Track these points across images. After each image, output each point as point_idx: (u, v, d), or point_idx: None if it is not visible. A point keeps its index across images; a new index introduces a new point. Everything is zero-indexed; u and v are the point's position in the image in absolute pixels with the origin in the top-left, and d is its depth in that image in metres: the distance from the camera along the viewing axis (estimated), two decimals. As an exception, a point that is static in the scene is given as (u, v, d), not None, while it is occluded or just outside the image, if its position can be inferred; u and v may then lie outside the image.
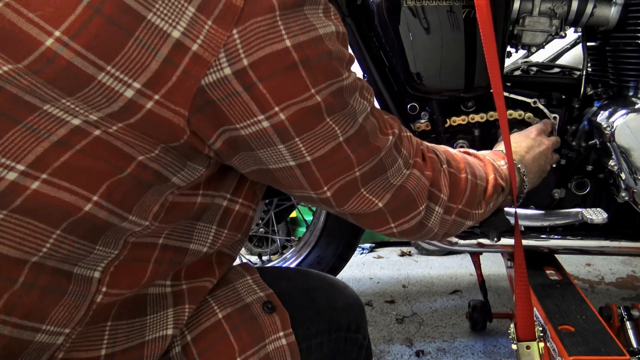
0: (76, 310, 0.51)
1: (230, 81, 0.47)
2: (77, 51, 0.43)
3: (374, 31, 1.06)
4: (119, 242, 0.52)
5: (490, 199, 0.80)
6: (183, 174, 0.53)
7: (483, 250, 1.17)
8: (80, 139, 0.46)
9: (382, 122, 0.62)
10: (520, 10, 1.04)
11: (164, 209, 0.53)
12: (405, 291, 1.76)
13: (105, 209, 0.49)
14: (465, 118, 1.10)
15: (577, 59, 1.38)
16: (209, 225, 0.61)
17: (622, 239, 1.14)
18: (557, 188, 1.15)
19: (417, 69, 1.03)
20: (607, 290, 1.74)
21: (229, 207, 0.62)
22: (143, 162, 0.49)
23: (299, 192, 0.60)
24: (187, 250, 0.59)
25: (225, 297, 0.65)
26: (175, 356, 0.60)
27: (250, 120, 0.50)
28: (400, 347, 1.42)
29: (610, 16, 1.03)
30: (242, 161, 0.55)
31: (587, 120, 1.09)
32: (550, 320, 0.91)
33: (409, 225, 0.68)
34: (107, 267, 0.52)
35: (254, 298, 0.66)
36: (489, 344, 1.43)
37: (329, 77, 0.52)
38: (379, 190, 0.62)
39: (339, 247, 1.42)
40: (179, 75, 0.45)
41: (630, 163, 1.01)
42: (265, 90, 0.48)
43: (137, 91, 0.45)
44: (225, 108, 0.48)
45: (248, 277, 0.69)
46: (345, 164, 0.57)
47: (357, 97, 0.57)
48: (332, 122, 0.54)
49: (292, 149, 0.53)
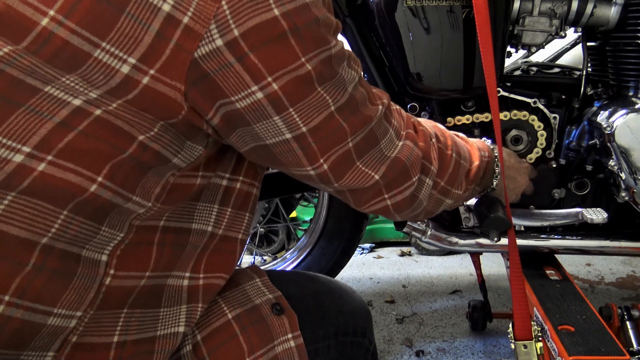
0: (86, 292, 0.52)
1: (223, 52, 0.47)
2: (72, 29, 0.44)
3: (374, 31, 1.06)
4: (124, 224, 0.53)
5: (471, 182, 0.81)
6: (183, 154, 0.53)
7: (483, 250, 1.17)
8: (82, 119, 0.47)
9: (371, 93, 0.63)
10: (520, 10, 1.04)
11: (165, 191, 0.54)
12: (405, 291, 1.75)
13: (109, 189, 0.49)
14: (465, 118, 1.10)
15: (577, 59, 1.37)
16: (210, 205, 0.61)
17: (622, 239, 1.14)
18: (557, 188, 1.15)
19: (417, 69, 1.03)
20: (607, 290, 1.74)
21: (229, 185, 0.62)
22: (143, 142, 0.49)
23: (296, 170, 0.60)
24: (190, 230, 0.60)
25: (235, 298, 0.66)
26: (186, 354, 0.60)
27: (244, 92, 0.50)
28: (400, 347, 1.42)
29: (610, 16, 1.03)
30: (239, 139, 0.56)
31: (587, 120, 1.09)
32: (550, 320, 0.91)
33: (402, 196, 0.68)
34: (113, 250, 0.53)
35: (263, 300, 0.67)
36: (489, 344, 1.43)
37: (318, 45, 0.52)
38: (374, 162, 0.63)
39: (338, 246, 1.42)
40: (172, 48, 0.46)
41: (630, 163, 1.01)
42: (257, 60, 0.49)
43: (132, 66, 0.46)
44: (219, 80, 0.49)
45: (257, 280, 0.70)
46: (338, 134, 0.58)
47: (345, 66, 0.57)
48: (323, 91, 0.54)
49: (287, 120, 0.53)
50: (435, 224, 1.16)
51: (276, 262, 1.54)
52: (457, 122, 1.10)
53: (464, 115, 1.10)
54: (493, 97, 0.85)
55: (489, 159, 0.85)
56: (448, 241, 1.16)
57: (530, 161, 1.12)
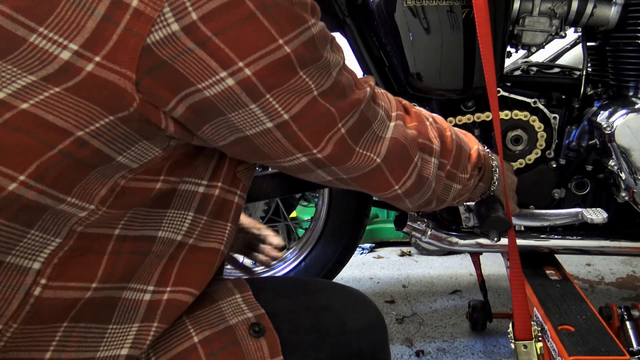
0: (6, 304, 0.47)
1: (180, 38, 0.44)
2: (6, 13, 0.42)
3: (374, 31, 1.06)
4: (61, 229, 0.48)
5: (474, 168, 0.79)
6: (130, 153, 0.48)
7: (483, 250, 1.17)
8: (4, 112, 0.43)
9: (356, 78, 0.59)
10: (520, 10, 1.04)
11: (113, 194, 0.49)
12: (405, 291, 1.75)
13: (34, 189, 0.45)
14: (466, 118, 1.10)
15: (577, 59, 1.37)
16: (183, 213, 0.56)
17: (622, 239, 1.14)
18: (557, 188, 1.15)
19: (417, 68, 1.03)
20: (607, 290, 1.74)
21: (207, 192, 0.57)
22: (82, 138, 0.45)
23: (287, 161, 0.56)
24: (155, 238, 0.54)
25: (206, 318, 0.58)
26: None
27: (212, 79, 0.46)
28: (400, 347, 1.42)
29: (610, 16, 1.03)
30: (215, 131, 0.51)
31: (587, 120, 1.09)
32: (550, 320, 0.91)
33: (411, 181, 0.66)
34: (49, 257, 0.48)
35: (240, 319, 0.59)
36: (489, 344, 1.43)
37: (296, 25, 0.48)
38: (370, 144, 0.60)
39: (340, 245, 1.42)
40: (120, 33, 0.43)
41: (630, 163, 1.01)
42: (224, 44, 0.45)
43: (74, 53, 0.43)
44: (180, 67, 0.45)
45: (237, 296, 0.62)
46: (327, 119, 0.54)
47: (329, 49, 0.53)
48: (305, 76, 0.50)
49: (265, 108, 0.49)
50: (435, 224, 1.16)
51: (277, 262, 1.54)
52: (458, 122, 1.10)
53: (464, 115, 1.10)
54: (493, 97, 0.85)
55: (484, 151, 0.84)
56: (448, 241, 1.16)
57: (530, 161, 1.12)
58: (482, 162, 0.82)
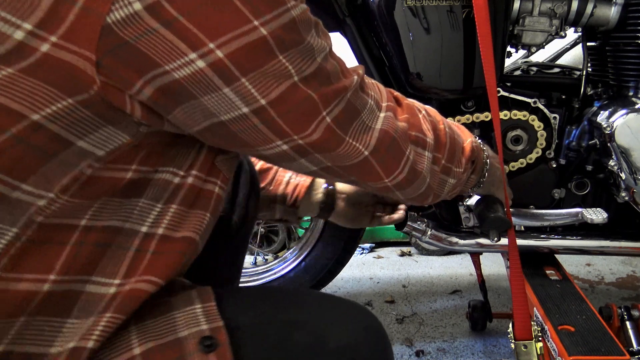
0: None
1: (143, 17, 0.42)
2: None
3: (374, 31, 1.06)
4: (18, 218, 0.46)
5: (468, 161, 0.78)
6: (93, 138, 0.46)
7: (483, 250, 1.17)
8: None
9: (344, 66, 0.57)
10: (520, 10, 1.04)
11: (77, 182, 0.47)
12: (405, 291, 1.75)
13: None
14: (465, 118, 1.10)
15: (577, 59, 1.37)
16: (156, 203, 0.54)
17: (622, 239, 1.14)
18: (557, 188, 1.15)
19: (417, 68, 1.03)
20: (607, 290, 1.74)
21: (180, 182, 0.55)
22: (37, 122, 0.43)
23: (268, 149, 0.54)
24: (120, 229, 0.52)
25: (154, 328, 0.53)
26: None
27: (181, 61, 0.44)
28: (400, 347, 1.42)
29: (610, 16, 1.03)
30: (187, 115, 0.49)
31: (587, 120, 1.09)
32: (550, 320, 0.91)
33: (403, 175, 0.64)
34: (6, 248, 0.46)
35: (191, 332, 0.53)
36: (489, 344, 1.43)
37: (273, 6, 0.46)
38: (360, 134, 0.58)
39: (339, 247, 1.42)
40: (77, 12, 0.41)
41: (630, 163, 1.01)
42: (192, 25, 0.43)
43: (28, 32, 0.41)
44: (144, 48, 0.43)
45: (197, 306, 0.55)
46: (309, 105, 0.51)
47: (314, 34, 0.51)
48: (285, 60, 0.48)
49: (240, 92, 0.48)
50: (435, 224, 1.16)
51: (277, 262, 1.54)
52: (458, 122, 1.10)
53: (464, 115, 1.10)
54: (493, 97, 0.85)
55: (477, 143, 0.83)
56: (448, 241, 1.16)
57: (530, 161, 1.12)
58: (475, 155, 0.81)
